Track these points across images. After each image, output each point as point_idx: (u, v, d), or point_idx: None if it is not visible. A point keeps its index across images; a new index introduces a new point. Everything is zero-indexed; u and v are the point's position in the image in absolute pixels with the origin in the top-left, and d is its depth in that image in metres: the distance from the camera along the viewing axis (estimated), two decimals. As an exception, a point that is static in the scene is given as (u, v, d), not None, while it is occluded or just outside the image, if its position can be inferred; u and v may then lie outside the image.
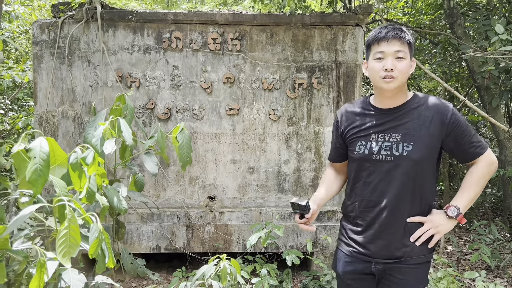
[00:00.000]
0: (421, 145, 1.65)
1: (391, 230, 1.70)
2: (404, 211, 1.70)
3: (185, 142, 2.30)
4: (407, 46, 1.65)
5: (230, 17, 3.62)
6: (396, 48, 1.63)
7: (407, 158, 1.65)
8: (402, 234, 1.70)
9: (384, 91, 1.69)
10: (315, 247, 3.76)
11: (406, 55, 1.65)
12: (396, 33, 1.63)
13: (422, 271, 1.74)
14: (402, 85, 1.68)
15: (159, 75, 3.68)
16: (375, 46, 1.67)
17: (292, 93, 3.72)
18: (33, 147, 1.24)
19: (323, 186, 1.95)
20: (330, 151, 2.01)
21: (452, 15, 4.51)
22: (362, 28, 3.74)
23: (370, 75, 1.72)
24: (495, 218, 5.52)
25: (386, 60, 1.63)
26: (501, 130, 4.33)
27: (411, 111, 1.69)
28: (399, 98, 1.71)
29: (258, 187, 3.79)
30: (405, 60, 1.64)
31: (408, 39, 1.65)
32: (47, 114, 3.64)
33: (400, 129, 1.68)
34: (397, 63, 1.63)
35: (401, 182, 1.67)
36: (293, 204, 1.74)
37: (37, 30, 3.60)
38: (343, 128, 1.85)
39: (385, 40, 1.63)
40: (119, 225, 2.21)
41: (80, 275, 1.23)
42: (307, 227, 1.77)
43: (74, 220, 1.16)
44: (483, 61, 4.12)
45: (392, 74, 1.63)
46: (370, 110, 1.78)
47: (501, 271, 3.95)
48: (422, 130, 1.65)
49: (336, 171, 2.01)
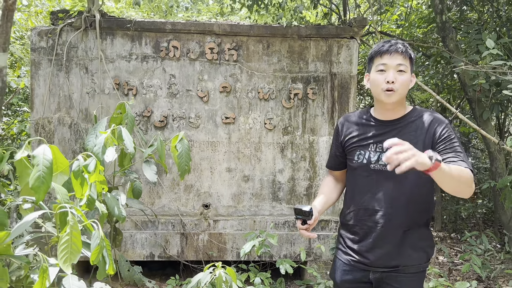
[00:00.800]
0: None
1: (389, 239, 1.74)
2: (401, 220, 1.73)
3: (184, 151, 2.32)
4: (408, 60, 1.71)
5: (227, 27, 3.67)
6: (398, 62, 1.69)
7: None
8: (399, 243, 1.74)
9: (384, 104, 1.75)
10: (309, 256, 3.78)
11: (407, 69, 1.70)
12: (398, 47, 1.69)
13: (417, 280, 1.78)
14: (402, 98, 1.74)
15: (156, 83, 3.71)
16: (378, 59, 1.72)
17: (287, 103, 3.76)
18: (37, 155, 1.26)
19: (323, 193, 1.98)
20: (329, 159, 2.05)
21: (444, 29, 4.61)
22: (357, 40, 3.81)
23: (371, 87, 1.78)
24: (486, 229, 5.59)
25: (388, 73, 1.69)
26: (491, 142, 4.41)
27: (409, 124, 1.75)
28: (398, 111, 1.77)
29: (253, 196, 3.82)
30: (406, 73, 1.70)
31: (410, 54, 1.71)
32: (43, 120, 3.65)
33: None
34: (398, 76, 1.68)
35: (398, 191, 1.72)
36: (296, 209, 1.78)
37: (36, 37, 3.63)
38: (343, 137, 1.90)
39: (387, 53, 1.69)
40: (116, 232, 2.22)
41: (80, 281, 1.25)
42: (308, 233, 1.80)
43: (76, 226, 1.18)
44: (474, 74, 4.21)
45: (393, 87, 1.68)
46: (370, 121, 1.83)
47: (492, 281, 4.00)
48: (418, 142, 1.70)
49: (335, 179, 2.05)
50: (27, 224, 1.16)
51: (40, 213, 1.21)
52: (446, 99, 6.39)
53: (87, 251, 1.32)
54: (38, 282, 1.12)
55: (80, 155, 1.45)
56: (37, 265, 1.31)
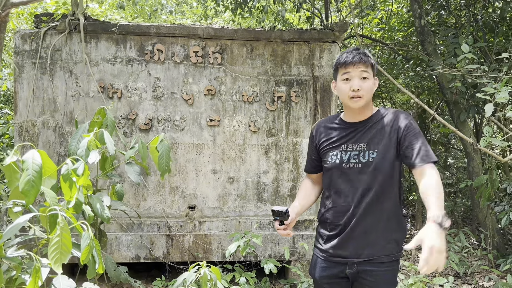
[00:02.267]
0: (384, 151, 1.83)
1: (362, 232, 1.86)
2: (373, 212, 1.85)
3: (165, 152, 2.38)
4: (370, 67, 1.85)
5: (211, 31, 3.73)
6: (361, 69, 1.82)
7: (373, 164, 1.83)
8: (372, 235, 1.85)
9: (352, 109, 1.89)
10: (293, 255, 3.86)
11: (369, 75, 1.84)
12: (361, 57, 1.83)
13: (391, 273, 1.89)
14: (368, 102, 1.88)
15: (141, 86, 3.74)
16: (342, 68, 1.86)
17: (271, 105, 3.84)
18: (26, 159, 1.30)
19: (301, 196, 2.10)
20: (306, 163, 2.16)
21: (423, 32, 4.75)
22: (338, 44, 3.91)
23: (339, 94, 1.92)
24: (464, 227, 5.76)
25: (352, 81, 1.82)
26: (468, 143, 4.56)
27: (375, 123, 1.89)
28: (365, 113, 1.91)
29: (238, 197, 3.88)
30: (369, 80, 1.84)
31: (371, 61, 1.85)
32: (27, 123, 3.65)
33: (365, 139, 1.87)
34: (363, 84, 1.82)
35: (369, 185, 1.84)
36: (274, 211, 1.88)
37: (19, 40, 3.62)
38: (317, 141, 2.02)
39: (351, 64, 1.82)
40: (101, 234, 2.26)
41: (69, 280, 1.29)
42: (285, 231, 1.91)
43: (66, 228, 1.22)
44: (452, 77, 4.35)
45: (358, 94, 1.82)
46: (340, 124, 1.97)
47: (469, 277, 4.14)
48: (384, 138, 1.84)
49: (312, 182, 2.16)
50: (19, 225, 1.20)
51: (31, 215, 1.25)
52: (426, 100, 6.56)
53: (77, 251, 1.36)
54: (31, 282, 1.16)
55: (68, 159, 1.49)
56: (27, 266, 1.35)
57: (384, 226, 1.86)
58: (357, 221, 1.85)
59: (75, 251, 1.36)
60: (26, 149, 3.51)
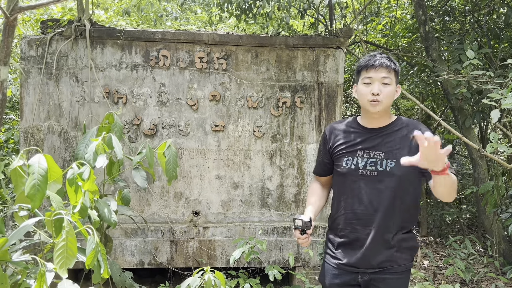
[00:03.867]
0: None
1: (376, 242, 1.82)
2: (387, 223, 1.82)
3: (172, 158, 2.38)
4: (393, 73, 1.81)
5: (216, 37, 3.75)
6: (383, 75, 1.79)
7: (390, 174, 1.79)
8: (386, 246, 1.83)
9: (370, 113, 1.85)
10: (297, 261, 3.84)
11: (391, 81, 1.81)
12: (383, 61, 1.80)
13: (403, 281, 1.87)
14: (387, 108, 1.84)
15: (146, 92, 3.76)
16: (364, 72, 1.83)
17: (276, 111, 3.84)
18: (32, 164, 1.31)
19: (312, 201, 2.05)
20: (316, 165, 2.12)
21: (427, 39, 4.75)
22: (343, 50, 3.91)
23: (358, 97, 1.89)
24: (470, 234, 5.71)
25: (373, 85, 1.80)
26: (473, 149, 4.53)
27: (394, 132, 1.85)
28: (383, 120, 1.87)
29: (242, 203, 3.87)
30: (390, 86, 1.80)
31: (394, 67, 1.82)
32: (32, 128, 3.67)
33: (384, 147, 1.83)
34: (383, 88, 1.79)
35: (385, 195, 1.80)
36: (296, 220, 1.85)
37: (25, 45, 3.65)
38: (331, 144, 1.98)
39: (373, 67, 1.80)
40: (107, 239, 2.26)
41: (74, 285, 1.29)
42: (307, 241, 1.89)
43: (72, 232, 1.22)
44: (457, 83, 4.34)
45: (378, 98, 1.78)
46: (357, 128, 1.93)
47: (475, 285, 4.10)
48: (404, 149, 1.79)
49: (322, 185, 2.13)
50: (25, 229, 1.20)
51: (37, 220, 1.26)
52: (430, 106, 6.54)
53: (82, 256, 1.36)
54: (35, 286, 1.15)
55: (74, 163, 1.49)
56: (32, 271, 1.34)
57: (399, 237, 1.84)
58: (372, 231, 1.82)
59: (81, 256, 1.35)
60: (32, 154, 3.52)
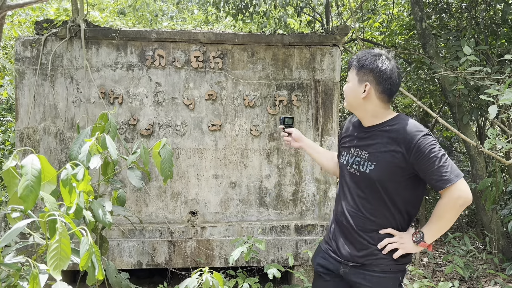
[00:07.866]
0: (383, 167, 1.76)
1: (354, 237, 1.86)
2: (364, 221, 1.83)
3: (167, 157, 2.36)
4: (353, 71, 1.84)
5: (212, 36, 3.73)
6: (348, 73, 1.90)
7: (368, 176, 1.80)
8: (365, 241, 1.84)
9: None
10: (296, 260, 3.82)
11: (350, 78, 1.87)
12: (351, 59, 1.89)
13: (388, 281, 1.83)
14: (354, 105, 1.87)
15: (142, 92, 3.74)
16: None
17: (272, 109, 3.82)
18: (25, 164, 1.29)
19: (321, 149, 2.26)
20: None
21: (424, 36, 4.74)
22: (339, 48, 3.89)
23: None
24: (469, 231, 5.71)
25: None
26: (471, 146, 4.53)
27: (381, 133, 1.80)
28: (366, 118, 1.88)
29: (240, 202, 3.85)
30: (348, 83, 1.87)
31: (352, 64, 1.85)
32: (28, 130, 3.64)
33: (370, 148, 1.83)
34: (345, 86, 1.89)
35: (362, 196, 1.84)
36: (280, 117, 2.27)
37: (20, 46, 3.62)
38: (341, 136, 2.08)
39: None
40: (102, 240, 2.24)
41: (69, 287, 1.27)
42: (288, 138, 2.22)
43: (65, 233, 1.20)
44: (454, 80, 4.33)
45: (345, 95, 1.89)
46: (357, 125, 1.98)
47: (474, 281, 4.10)
48: (387, 153, 1.75)
49: (334, 162, 2.20)
50: (17, 231, 1.18)
51: (30, 221, 1.24)
52: (428, 103, 6.54)
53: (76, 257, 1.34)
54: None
55: (68, 164, 1.47)
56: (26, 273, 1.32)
57: (380, 236, 1.83)
58: (351, 225, 1.86)
59: (75, 257, 1.34)
60: (26, 154, 3.49)
